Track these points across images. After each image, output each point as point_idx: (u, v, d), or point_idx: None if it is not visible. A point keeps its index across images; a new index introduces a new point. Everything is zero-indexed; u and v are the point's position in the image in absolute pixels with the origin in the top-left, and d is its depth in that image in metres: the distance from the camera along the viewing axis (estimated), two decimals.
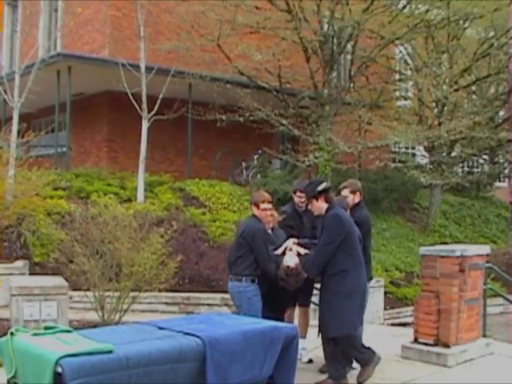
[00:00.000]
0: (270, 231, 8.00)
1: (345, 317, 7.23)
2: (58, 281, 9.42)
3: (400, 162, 25.17)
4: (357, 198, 8.45)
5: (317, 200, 7.55)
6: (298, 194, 8.42)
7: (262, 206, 7.82)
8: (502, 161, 27.46)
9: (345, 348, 7.43)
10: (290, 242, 7.81)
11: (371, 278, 8.63)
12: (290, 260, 7.58)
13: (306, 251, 7.65)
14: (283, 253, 7.74)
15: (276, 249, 7.78)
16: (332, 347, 7.50)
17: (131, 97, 16.21)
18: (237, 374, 5.65)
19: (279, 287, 7.66)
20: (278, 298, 7.82)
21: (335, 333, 7.31)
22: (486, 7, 20.58)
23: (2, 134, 14.84)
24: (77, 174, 18.35)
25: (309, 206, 7.75)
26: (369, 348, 7.61)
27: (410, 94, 25.60)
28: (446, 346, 8.61)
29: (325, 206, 7.52)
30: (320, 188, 7.53)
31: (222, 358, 5.52)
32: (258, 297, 7.62)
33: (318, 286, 7.99)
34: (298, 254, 7.64)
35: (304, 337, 8.45)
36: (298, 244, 7.78)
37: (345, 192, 8.46)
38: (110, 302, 9.95)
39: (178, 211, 16.38)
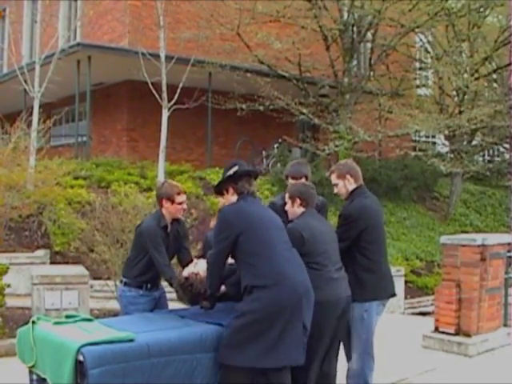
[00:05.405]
0: None
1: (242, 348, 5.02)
2: (79, 270, 9.46)
3: (420, 150, 25.05)
4: (350, 185, 6.20)
5: (227, 191, 5.34)
6: (291, 180, 6.32)
7: (178, 198, 6.26)
8: None
9: None
10: None
11: (392, 295, 6.29)
12: (188, 269, 5.80)
13: None
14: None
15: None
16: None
17: (151, 86, 16.22)
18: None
19: None
20: None
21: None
22: None
23: (22, 124, 14.93)
24: (97, 163, 18.42)
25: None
26: None
27: (430, 83, 25.45)
28: (467, 335, 8.58)
29: (234, 199, 5.28)
30: (228, 174, 5.32)
31: None
32: (136, 306, 6.18)
33: None
34: None
35: None
36: None
37: (332, 179, 6.31)
38: None
39: (199, 200, 16.43)
